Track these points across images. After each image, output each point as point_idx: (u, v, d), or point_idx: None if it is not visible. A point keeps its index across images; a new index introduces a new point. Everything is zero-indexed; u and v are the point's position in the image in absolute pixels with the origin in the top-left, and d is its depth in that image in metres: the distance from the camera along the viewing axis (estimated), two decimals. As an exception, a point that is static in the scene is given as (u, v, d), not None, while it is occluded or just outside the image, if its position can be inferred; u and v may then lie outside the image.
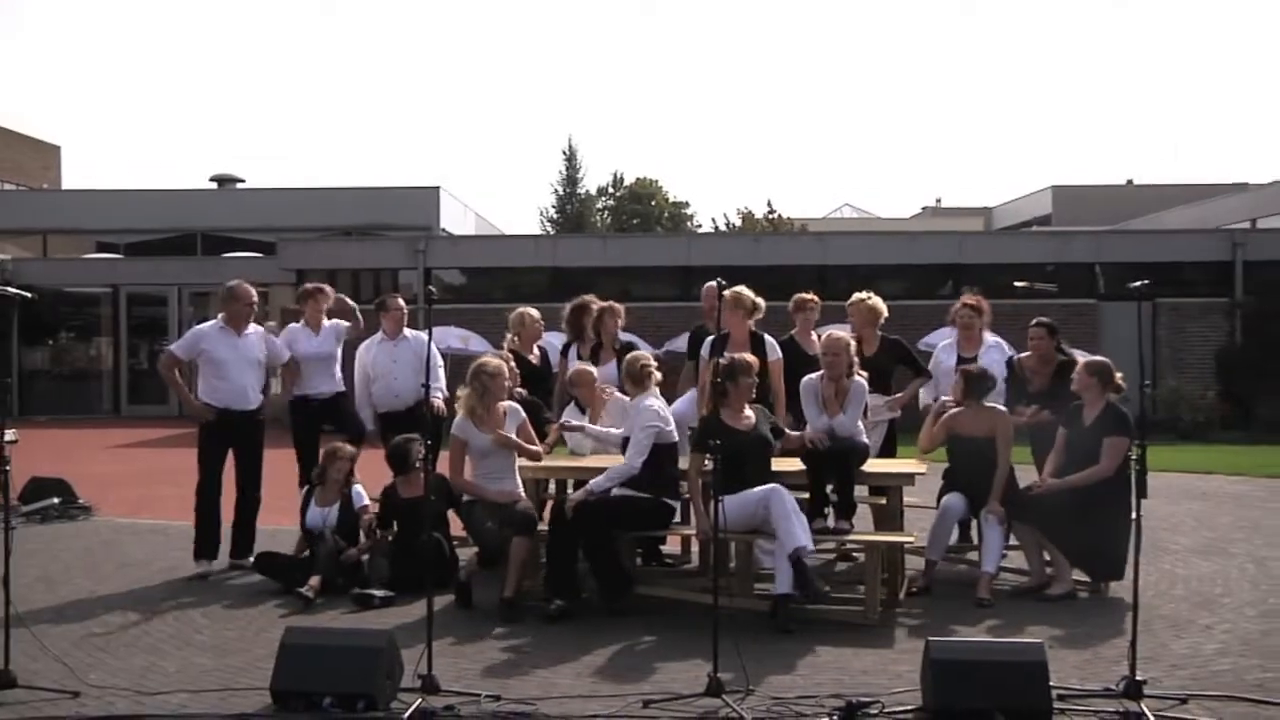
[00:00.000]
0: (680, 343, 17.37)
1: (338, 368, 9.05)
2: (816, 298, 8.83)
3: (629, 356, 7.64)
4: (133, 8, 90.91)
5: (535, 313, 9.35)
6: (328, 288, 9.31)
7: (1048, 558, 7.59)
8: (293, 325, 9.16)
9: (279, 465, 8.84)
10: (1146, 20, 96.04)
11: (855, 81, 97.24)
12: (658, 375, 7.44)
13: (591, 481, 7.13)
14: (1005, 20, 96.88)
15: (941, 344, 9.05)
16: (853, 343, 7.63)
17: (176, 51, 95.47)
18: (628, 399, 8.24)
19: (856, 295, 8.70)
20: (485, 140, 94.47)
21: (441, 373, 9.34)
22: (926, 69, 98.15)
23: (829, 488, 7.39)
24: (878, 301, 8.61)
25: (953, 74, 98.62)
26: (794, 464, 7.35)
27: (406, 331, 9.24)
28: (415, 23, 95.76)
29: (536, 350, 9.26)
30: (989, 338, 8.64)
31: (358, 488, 8.15)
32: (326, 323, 9.04)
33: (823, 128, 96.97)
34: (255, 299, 8.59)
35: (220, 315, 8.54)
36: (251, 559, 8.26)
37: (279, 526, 8.93)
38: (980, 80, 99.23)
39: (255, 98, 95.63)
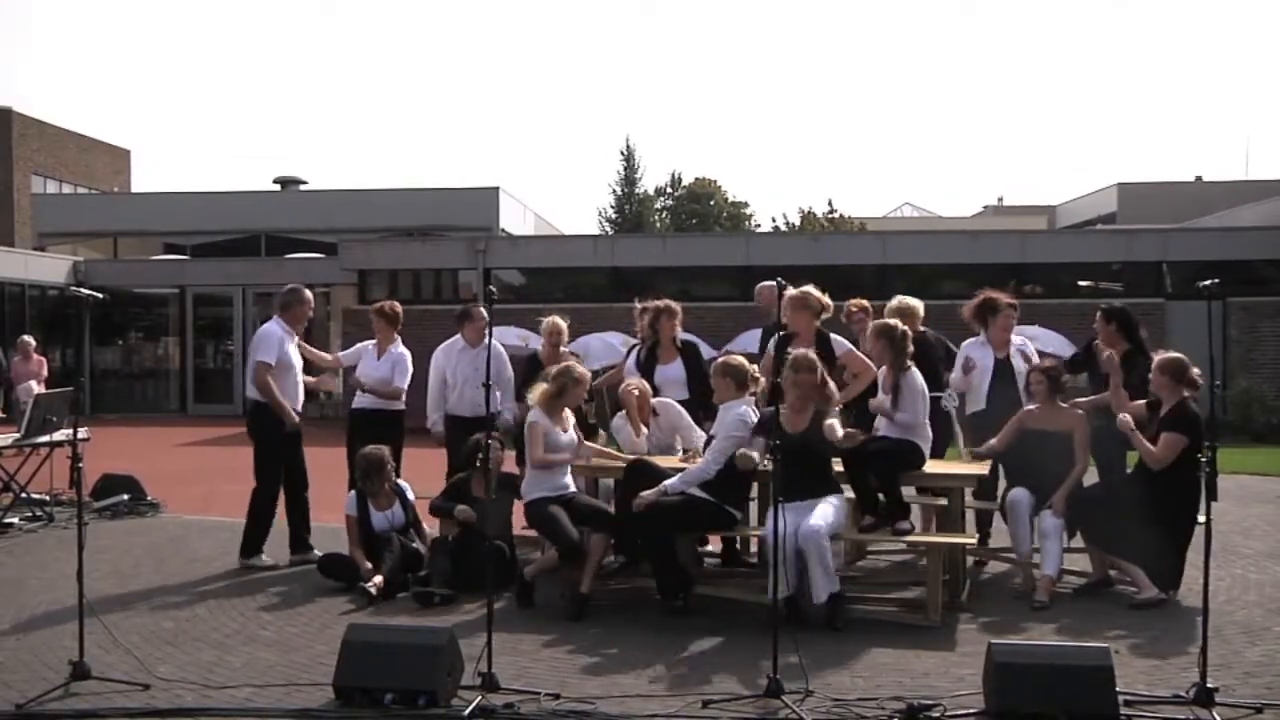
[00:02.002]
0: (740, 342, 17.36)
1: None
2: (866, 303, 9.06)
3: (735, 361, 7.33)
4: (200, 17, 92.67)
5: (557, 319, 9.19)
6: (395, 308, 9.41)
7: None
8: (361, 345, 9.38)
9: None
10: (1214, 14, 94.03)
11: (915, 79, 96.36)
12: (763, 381, 7.19)
13: (667, 482, 7.00)
14: (1071, 16, 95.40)
15: (972, 341, 8.68)
16: (895, 326, 7.57)
17: (241, 56, 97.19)
18: (678, 405, 8.20)
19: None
20: (544, 141, 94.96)
21: (511, 388, 9.12)
22: (990, 65, 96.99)
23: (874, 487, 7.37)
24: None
25: (1015, 70, 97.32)
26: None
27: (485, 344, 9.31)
28: (476, 25, 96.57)
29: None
30: (1015, 338, 8.57)
31: (401, 483, 8.31)
32: (395, 349, 9.14)
33: (883, 126, 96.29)
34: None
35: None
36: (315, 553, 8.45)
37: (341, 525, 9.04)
38: (1043, 76, 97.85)
39: (317, 101, 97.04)
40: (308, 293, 8.88)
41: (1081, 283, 22.19)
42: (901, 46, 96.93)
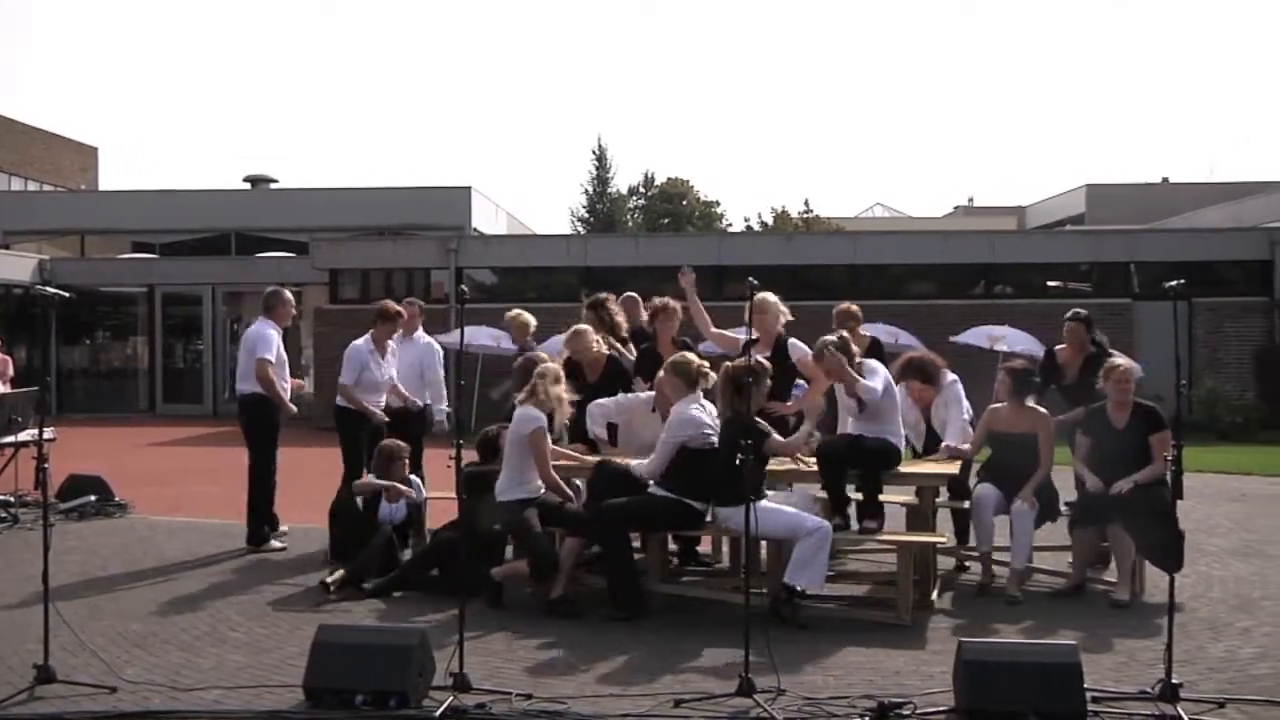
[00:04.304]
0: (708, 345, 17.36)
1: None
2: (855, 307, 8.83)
3: (681, 360, 7.29)
4: (169, 12, 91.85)
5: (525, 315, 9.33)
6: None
7: (1113, 565, 7.52)
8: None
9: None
10: (1181, 18, 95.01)
11: (886, 80, 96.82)
12: (712, 376, 7.20)
13: (634, 463, 7.21)
14: (1039, 18, 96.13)
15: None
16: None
17: (211, 54, 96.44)
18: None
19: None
20: (516, 140, 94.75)
21: (443, 388, 9.47)
22: (958, 67, 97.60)
23: (851, 488, 7.40)
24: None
25: (985, 72, 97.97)
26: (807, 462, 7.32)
27: (420, 337, 9.38)
28: (447, 24, 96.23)
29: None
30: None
31: (416, 479, 8.51)
32: (392, 343, 9.11)
33: (854, 127, 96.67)
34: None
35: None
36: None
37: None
38: (1013, 79, 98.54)
39: (288, 99, 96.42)
40: (288, 293, 9.25)
41: (1051, 283, 22.39)
42: (873, 48, 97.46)
